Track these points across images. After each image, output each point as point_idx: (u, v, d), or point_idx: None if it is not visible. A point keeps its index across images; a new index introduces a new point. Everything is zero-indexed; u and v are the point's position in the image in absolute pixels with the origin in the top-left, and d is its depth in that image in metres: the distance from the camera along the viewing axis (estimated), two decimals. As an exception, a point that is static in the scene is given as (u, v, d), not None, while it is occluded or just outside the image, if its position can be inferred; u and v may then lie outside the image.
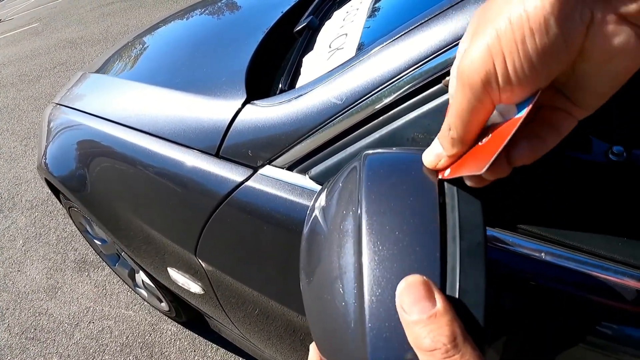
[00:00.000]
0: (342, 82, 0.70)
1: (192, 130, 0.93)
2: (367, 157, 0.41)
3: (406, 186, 0.37)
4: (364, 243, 0.34)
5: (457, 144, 0.35)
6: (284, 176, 0.79)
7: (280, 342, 1.19)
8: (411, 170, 0.38)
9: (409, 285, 0.30)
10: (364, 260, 0.34)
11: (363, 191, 0.37)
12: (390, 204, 0.35)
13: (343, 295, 0.34)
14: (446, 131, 0.35)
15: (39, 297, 2.48)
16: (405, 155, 0.42)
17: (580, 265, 0.55)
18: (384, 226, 0.34)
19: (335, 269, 0.35)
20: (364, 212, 0.35)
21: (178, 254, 1.08)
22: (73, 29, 7.02)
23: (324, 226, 0.40)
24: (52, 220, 3.00)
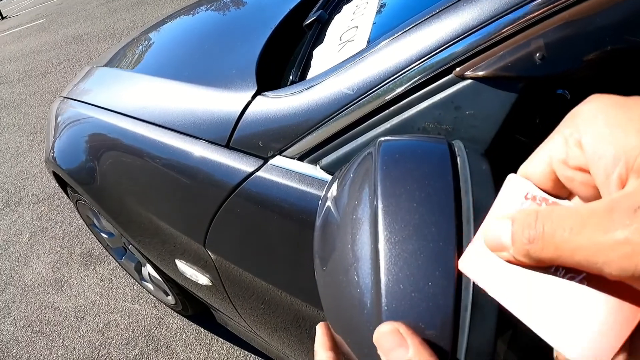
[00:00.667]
0: (354, 72, 0.71)
1: (203, 121, 0.94)
2: (382, 144, 0.41)
3: (421, 171, 0.37)
4: (379, 224, 0.35)
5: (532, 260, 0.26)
6: (294, 166, 0.80)
7: (287, 334, 1.20)
8: (426, 156, 0.39)
9: (382, 334, 0.31)
10: (380, 240, 0.34)
11: (379, 175, 0.37)
12: (406, 187, 0.36)
13: (357, 282, 0.34)
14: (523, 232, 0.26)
15: (45, 291, 2.50)
16: (419, 142, 0.42)
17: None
18: (400, 208, 0.35)
19: (349, 257, 0.35)
20: (380, 195, 0.36)
21: (187, 245, 1.09)
22: (79, 25, 7.05)
23: (336, 216, 0.41)
24: (59, 214, 3.01)
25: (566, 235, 0.23)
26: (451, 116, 0.61)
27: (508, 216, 0.27)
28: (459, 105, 0.61)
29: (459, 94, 0.61)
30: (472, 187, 0.35)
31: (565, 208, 0.24)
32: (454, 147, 0.40)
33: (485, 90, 0.60)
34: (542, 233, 0.24)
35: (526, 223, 0.25)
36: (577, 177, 0.26)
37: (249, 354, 1.93)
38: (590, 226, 0.22)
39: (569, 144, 0.25)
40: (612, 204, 0.21)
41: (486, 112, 0.59)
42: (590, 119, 0.25)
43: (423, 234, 0.33)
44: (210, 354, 1.98)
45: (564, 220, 0.23)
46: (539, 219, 0.24)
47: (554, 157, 0.27)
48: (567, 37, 0.56)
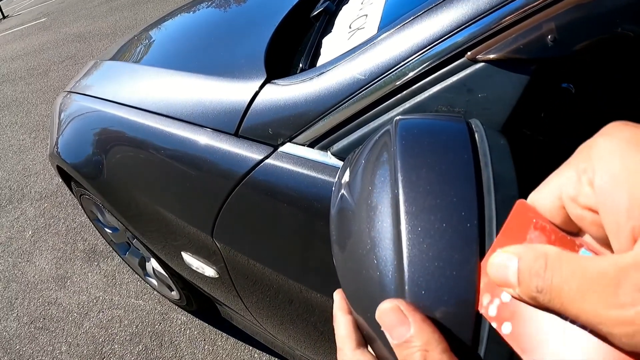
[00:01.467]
0: (365, 58, 0.71)
1: (211, 110, 0.94)
2: (399, 121, 0.41)
3: (440, 145, 0.37)
4: (400, 197, 0.34)
5: (540, 305, 0.25)
6: (305, 153, 0.80)
7: (294, 326, 1.20)
8: (444, 131, 0.39)
9: (384, 312, 0.31)
10: (401, 212, 0.34)
11: (398, 150, 0.37)
12: (426, 160, 0.36)
13: (377, 265, 0.34)
14: (531, 280, 0.24)
15: (48, 287, 2.50)
16: (436, 119, 0.42)
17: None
18: (421, 180, 0.35)
19: (367, 242, 0.35)
20: (400, 168, 0.36)
21: (194, 236, 1.08)
22: (81, 24, 7.05)
23: (351, 202, 0.40)
24: (62, 211, 3.01)
25: (572, 295, 0.22)
26: (463, 99, 0.61)
27: (514, 252, 0.26)
28: (471, 88, 0.61)
29: (471, 77, 0.61)
30: (491, 161, 0.35)
31: (574, 260, 0.23)
32: (472, 124, 0.40)
33: (498, 72, 0.60)
34: (550, 286, 0.23)
35: (534, 270, 0.24)
36: (588, 217, 0.24)
37: (254, 349, 1.93)
38: (595, 294, 0.21)
39: (581, 181, 0.24)
40: (619, 275, 0.20)
41: (498, 95, 0.59)
42: (606, 157, 0.23)
43: (444, 204, 0.33)
44: (215, 349, 1.98)
45: (572, 276, 0.22)
46: (548, 269, 0.23)
47: (564, 192, 0.25)
48: (578, 19, 0.56)
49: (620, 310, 0.20)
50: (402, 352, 0.29)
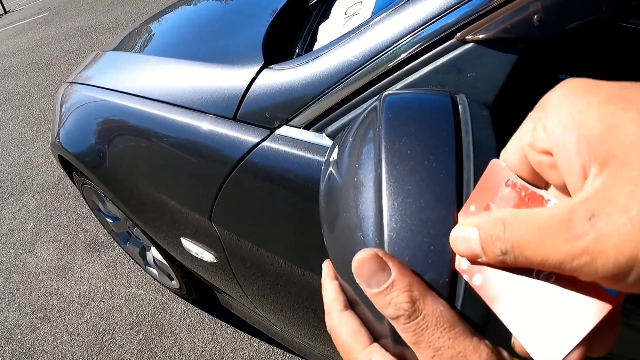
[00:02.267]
0: (359, 41, 0.73)
1: (210, 96, 0.95)
2: (387, 97, 0.42)
3: (422, 115, 0.38)
4: (382, 163, 0.36)
5: (507, 265, 0.26)
6: (301, 135, 0.81)
7: (293, 313, 1.21)
8: (428, 102, 0.40)
9: (362, 262, 0.31)
10: (383, 175, 0.35)
11: (382, 121, 0.39)
12: (408, 129, 0.37)
13: (363, 241, 0.35)
14: (494, 243, 0.26)
15: (49, 278, 2.52)
16: (422, 94, 0.44)
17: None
18: (402, 146, 0.36)
19: (353, 218, 0.36)
20: (383, 136, 0.37)
21: (193, 221, 1.10)
22: (83, 18, 7.06)
23: (338, 179, 0.42)
24: (63, 202, 3.03)
25: (532, 247, 0.23)
26: (453, 79, 0.63)
27: (473, 223, 0.27)
28: (460, 68, 0.63)
29: (461, 57, 0.63)
30: (472, 129, 0.37)
31: (529, 214, 0.24)
32: (456, 97, 0.41)
33: (486, 52, 0.61)
34: (512, 245, 0.24)
35: (495, 234, 0.25)
36: (545, 161, 0.26)
37: (253, 337, 1.95)
38: (552, 237, 0.22)
39: (537, 129, 0.25)
40: (570, 212, 0.22)
41: (487, 74, 0.61)
42: (556, 104, 0.24)
43: (424, 167, 0.34)
44: (214, 338, 2.00)
45: (529, 229, 0.24)
46: (507, 229, 0.25)
47: (523, 141, 0.27)
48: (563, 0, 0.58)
49: (575, 243, 0.21)
50: (384, 298, 0.29)
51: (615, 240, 0.20)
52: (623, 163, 0.21)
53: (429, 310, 0.28)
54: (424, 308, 0.28)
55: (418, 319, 0.28)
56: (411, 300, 0.28)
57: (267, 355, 1.88)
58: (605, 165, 0.21)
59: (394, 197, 0.34)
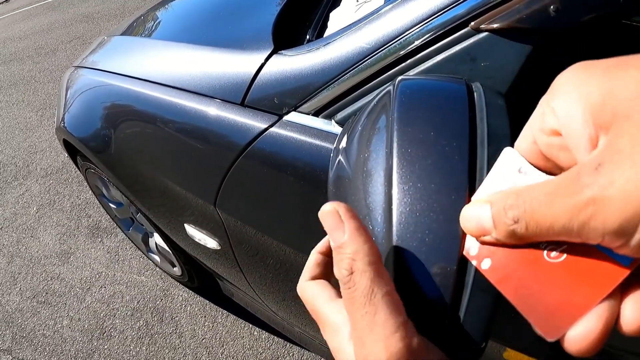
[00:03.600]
0: (372, 28, 0.72)
1: (218, 81, 0.95)
2: (401, 81, 0.42)
3: (437, 101, 0.38)
4: (394, 146, 0.35)
5: (517, 239, 0.26)
6: (309, 122, 0.81)
7: (295, 302, 1.21)
8: (443, 88, 0.40)
9: (324, 214, 0.31)
10: (394, 161, 0.35)
11: (396, 106, 0.38)
12: (422, 114, 0.37)
13: (372, 230, 0.35)
14: (506, 213, 0.26)
15: (51, 262, 2.52)
16: (437, 80, 0.43)
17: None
18: (415, 132, 0.35)
19: (363, 208, 0.36)
20: (396, 121, 0.36)
21: (197, 207, 1.10)
22: (89, 4, 7.02)
23: (347, 169, 0.41)
24: (67, 187, 3.03)
25: (542, 209, 0.23)
26: (467, 68, 0.62)
27: (485, 200, 0.27)
28: (474, 57, 0.62)
29: (475, 46, 0.62)
30: (487, 116, 0.36)
31: (541, 183, 0.24)
32: (472, 85, 0.41)
33: (501, 42, 0.61)
34: (524, 211, 0.24)
35: (508, 204, 0.25)
36: (555, 142, 0.25)
37: (253, 326, 1.95)
38: (561, 194, 0.22)
39: (545, 112, 0.25)
40: (579, 167, 0.22)
41: (501, 64, 0.60)
42: (562, 85, 0.25)
43: (437, 152, 0.34)
44: (215, 326, 2.01)
45: (540, 193, 0.23)
46: (520, 197, 0.24)
47: (533, 126, 0.27)
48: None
49: (582, 193, 0.21)
50: (336, 256, 0.30)
51: (621, 185, 0.20)
52: (625, 117, 0.21)
53: (361, 285, 0.28)
54: (358, 281, 0.28)
55: (351, 289, 0.29)
56: (349, 270, 0.29)
57: (267, 344, 1.88)
58: (609, 126, 0.21)
59: (404, 181, 0.34)
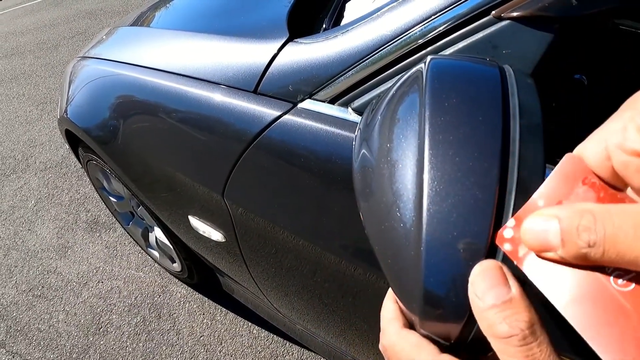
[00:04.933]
0: (391, 16, 0.71)
1: (230, 69, 0.94)
2: (432, 60, 0.41)
3: (471, 77, 0.37)
4: (426, 121, 0.34)
5: (586, 261, 0.24)
6: (325, 109, 0.80)
7: (298, 297, 1.20)
8: (475, 67, 0.39)
9: (484, 270, 0.28)
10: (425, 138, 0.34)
11: (429, 81, 0.37)
12: (458, 90, 0.36)
13: (401, 217, 0.33)
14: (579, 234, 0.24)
15: (48, 256, 2.51)
16: (468, 61, 0.42)
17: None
18: (448, 100, 0.35)
19: (389, 196, 0.35)
20: (428, 102, 0.36)
21: (203, 197, 1.09)
22: (93, 0, 7.03)
23: (370, 158, 0.40)
24: (66, 181, 3.02)
25: (628, 242, 0.22)
26: (488, 55, 0.62)
27: (551, 214, 0.25)
28: (496, 44, 0.62)
29: (497, 34, 0.62)
30: (518, 91, 0.36)
31: (622, 208, 0.23)
32: (502, 66, 0.40)
33: (522, 30, 0.61)
34: (604, 237, 0.23)
35: (582, 225, 0.23)
36: (634, 163, 0.24)
37: (253, 325, 1.94)
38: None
39: (627, 128, 0.24)
40: None
41: (523, 51, 0.60)
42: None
43: (470, 123, 0.33)
44: (214, 324, 1.99)
45: (626, 223, 0.22)
46: (599, 221, 0.23)
47: (610, 141, 0.25)
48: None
49: None
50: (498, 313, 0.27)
51: None
52: None
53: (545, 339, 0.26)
54: (541, 335, 0.26)
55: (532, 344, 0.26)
56: (530, 322, 0.26)
57: (267, 342, 1.87)
58: None
59: (437, 167, 0.32)
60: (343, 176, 0.77)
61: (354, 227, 0.80)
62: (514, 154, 0.31)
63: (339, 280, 0.95)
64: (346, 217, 0.80)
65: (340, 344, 1.24)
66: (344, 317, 1.09)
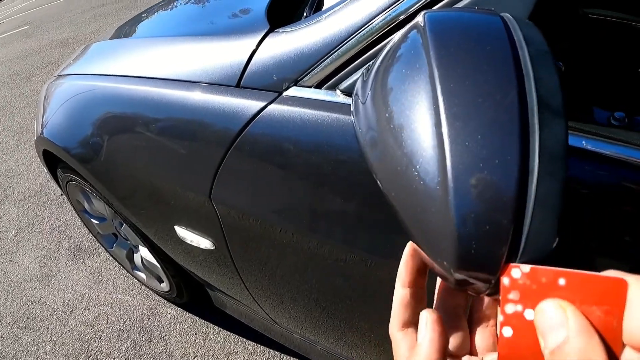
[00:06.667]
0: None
1: (212, 66, 0.91)
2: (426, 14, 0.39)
3: (470, 20, 0.37)
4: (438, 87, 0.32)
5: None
6: (312, 94, 0.77)
7: (294, 304, 1.16)
8: (474, 14, 0.38)
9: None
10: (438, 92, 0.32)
11: (430, 42, 0.35)
12: (463, 44, 0.34)
13: (419, 175, 0.31)
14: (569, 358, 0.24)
15: (32, 286, 2.43)
16: (466, 12, 0.41)
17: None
18: (461, 62, 0.33)
19: (402, 160, 0.33)
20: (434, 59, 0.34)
21: (190, 203, 1.05)
22: (64, 30, 6.98)
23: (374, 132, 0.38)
24: (46, 210, 2.94)
25: None
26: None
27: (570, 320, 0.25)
28: (480, 7, 0.60)
29: (481, 0, 0.61)
30: (520, 28, 0.35)
31: None
32: (503, 16, 0.39)
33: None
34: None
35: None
36: None
37: (247, 341, 1.88)
38: None
39: None
40: None
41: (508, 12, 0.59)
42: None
43: (483, 78, 0.31)
44: (207, 343, 1.93)
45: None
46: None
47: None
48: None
49: None
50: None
51: None
52: None
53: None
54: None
55: None
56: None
57: (263, 357, 1.81)
58: None
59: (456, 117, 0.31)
60: (335, 161, 0.74)
61: (353, 217, 0.77)
62: (529, 76, 0.31)
63: (336, 278, 0.92)
64: (340, 204, 0.77)
65: (341, 349, 1.20)
66: (343, 319, 1.05)
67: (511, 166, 0.28)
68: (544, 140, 0.28)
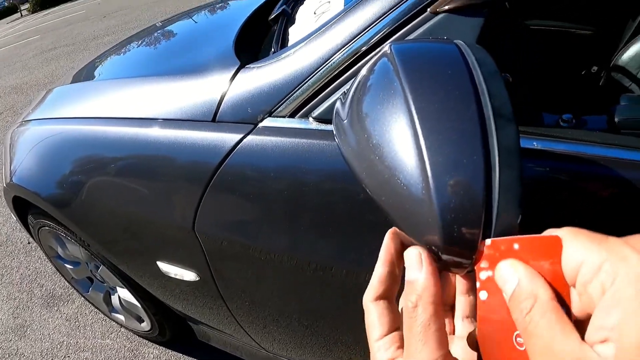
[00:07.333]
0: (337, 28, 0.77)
1: (186, 104, 0.95)
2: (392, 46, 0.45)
3: (430, 49, 0.44)
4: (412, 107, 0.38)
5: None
6: (287, 124, 0.83)
7: (277, 327, 1.19)
8: (437, 45, 0.45)
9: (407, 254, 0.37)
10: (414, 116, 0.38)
11: (400, 69, 0.41)
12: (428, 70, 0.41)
13: (401, 182, 0.37)
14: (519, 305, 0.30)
15: (7, 339, 2.35)
16: (425, 42, 0.48)
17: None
18: (428, 85, 0.40)
19: (385, 171, 0.39)
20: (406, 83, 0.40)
21: (173, 236, 1.07)
22: (17, 75, 6.87)
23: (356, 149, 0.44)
24: (14, 259, 2.87)
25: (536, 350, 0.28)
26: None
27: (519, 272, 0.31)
28: (436, 36, 0.68)
29: (435, 27, 0.71)
30: (472, 52, 0.42)
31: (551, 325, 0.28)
32: (454, 42, 0.45)
33: (457, 19, 0.70)
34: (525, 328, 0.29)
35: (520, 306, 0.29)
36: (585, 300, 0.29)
37: (233, 371, 1.88)
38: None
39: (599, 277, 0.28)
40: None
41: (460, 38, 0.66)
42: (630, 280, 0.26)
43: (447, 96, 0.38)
44: (192, 379, 1.92)
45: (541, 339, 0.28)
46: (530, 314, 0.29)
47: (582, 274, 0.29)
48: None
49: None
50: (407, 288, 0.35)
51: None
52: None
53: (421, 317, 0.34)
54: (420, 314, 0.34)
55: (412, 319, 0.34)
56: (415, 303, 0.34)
57: (251, 385, 1.81)
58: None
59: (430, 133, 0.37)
60: (313, 185, 0.79)
61: (332, 233, 0.82)
62: (484, 92, 0.38)
63: (320, 296, 0.96)
64: (322, 223, 0.82)
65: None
66: (328, 335, 1.09)
67: (478, 163, 0.34)
68: (500, 140, 0.35)
